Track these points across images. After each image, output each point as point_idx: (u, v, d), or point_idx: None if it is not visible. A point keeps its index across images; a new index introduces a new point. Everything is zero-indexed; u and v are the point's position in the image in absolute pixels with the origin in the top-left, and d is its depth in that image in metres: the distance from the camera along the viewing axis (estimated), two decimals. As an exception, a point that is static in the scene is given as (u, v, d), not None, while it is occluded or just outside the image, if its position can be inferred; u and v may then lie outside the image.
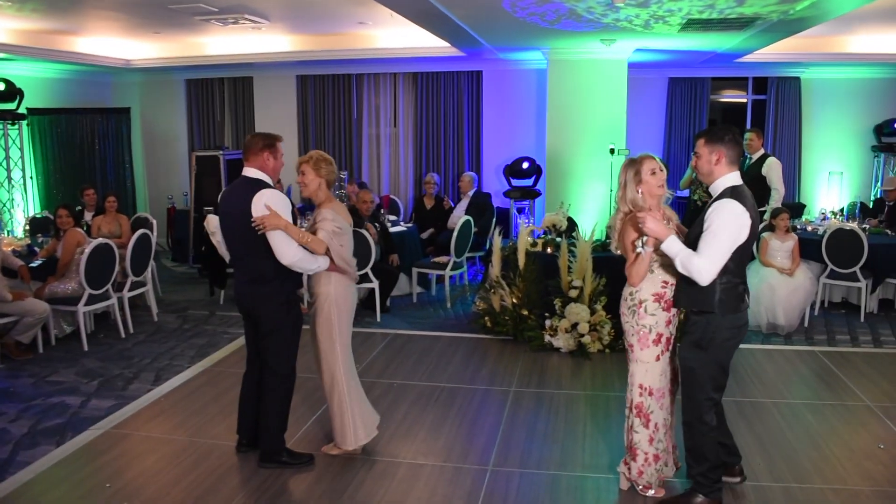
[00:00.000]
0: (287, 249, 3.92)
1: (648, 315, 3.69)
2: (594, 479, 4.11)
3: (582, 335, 6.34)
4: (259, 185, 4.01)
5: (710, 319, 3.45)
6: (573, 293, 6.48)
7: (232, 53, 10.15)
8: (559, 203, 7.50)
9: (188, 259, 10.49)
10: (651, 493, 3.85)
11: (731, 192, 3.41)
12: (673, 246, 3.42)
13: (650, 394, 3.76)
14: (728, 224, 3.33)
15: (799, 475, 4.10)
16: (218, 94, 11.79)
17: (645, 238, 3.51)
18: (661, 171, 3.69)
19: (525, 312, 6.66)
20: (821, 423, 4.85)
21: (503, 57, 10.06)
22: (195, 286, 9.28)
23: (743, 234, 3.35)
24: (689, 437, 3.64)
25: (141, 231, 7.28)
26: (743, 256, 3.45)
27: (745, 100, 11.28)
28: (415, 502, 3.88)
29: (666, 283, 3.69)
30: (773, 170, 7.56)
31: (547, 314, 6.56)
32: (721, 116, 11.69)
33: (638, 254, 3.57)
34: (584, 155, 9.10)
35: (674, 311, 3.74)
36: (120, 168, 11.38)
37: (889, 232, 8.09)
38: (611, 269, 6.59)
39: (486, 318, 6.93)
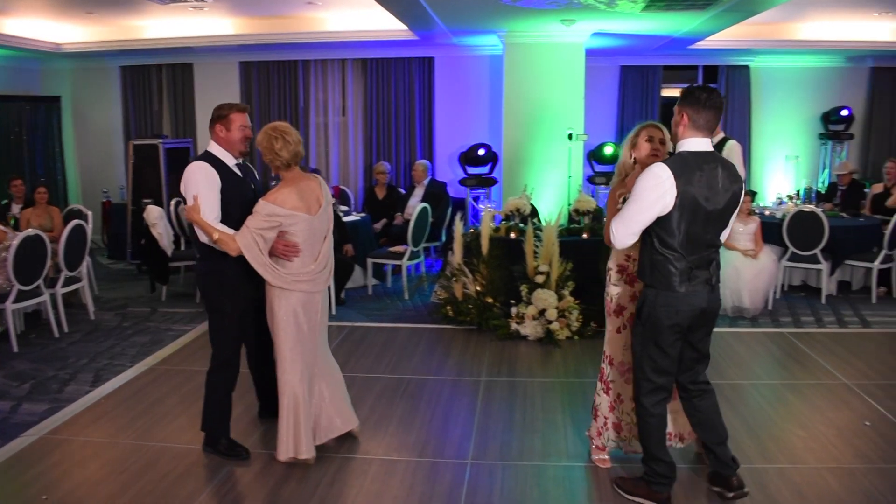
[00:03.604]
0: (201, 234, 3.79)
1: (612, 284, 3.72)
2: (581, 469, 3.87)
3: (550, 322, 6.12)
4: (198, 157, 3.88)
5: (647, 293, 3.27)
6: (539, 279, 6.25)
7: (170, 37, 9.63)
8: (521, 188, 7.26)
9: (126, 255, 9.92)
10: (601, 455, 3.85)
11: (672, 157, 3.20)
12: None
13: (610, 363, 3.78)
14: (642, 188, 3.10)
15: (791, 456, 3.95)
16: (155, 82, 11.16)
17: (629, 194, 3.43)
18: (663, 143, 3.56)
19: (490, 300, 6.40)
20: (803, 402, 4.74)
21: (457, 42, 9.79)
22: (134, 283, 8.75)
23: (666, 201, 3.05)
24: (636, 415, 3.48)
25: (75, 222, 6.75)
26: (692, 231, 3.11)
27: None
28: (392, 501, 3.56)
29: (629, 256, 3.62)
30: (734, 153, 7.40)
31: (512, 301, 6.32)
32: (670, 107, 11.66)
33: (618, 210, 3.43)
34: (541, 141, 8.90)
35: (639, 286, 3.57)
36: (50, 160, 10.71)
37: (844, 215, 8.14)
38: (578, 253, 6.42)
39: (448, 308, 6.65)
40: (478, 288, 6.45)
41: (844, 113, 10.42)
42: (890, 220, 7.38)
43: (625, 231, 3.17)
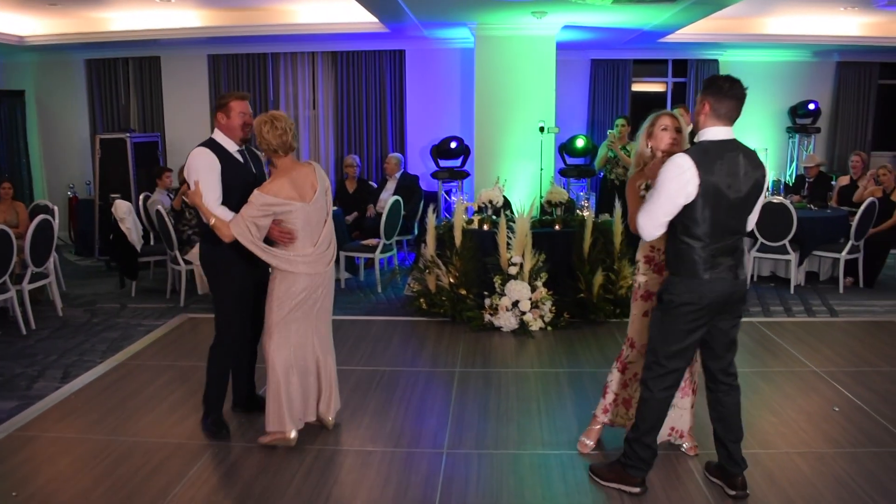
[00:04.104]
0: (204, 217, 3.91)
1: (640, 274, 3.75)
2: (557, 456, 3.89)
3: (523, 313, 6.14)
4: (201, 144, 3.99)
5: (671, 279, 3.28)
6: (513, 270, 6.27)
7: (137, 29, 9.47)
8: (493, 181, 7.26)
9: (94, 252, 9.77)
10: (586, 440, 3.94)
11: (693, 147, 3.21)
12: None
13: (631, 345, 3.80)
14: (665, 179, 3.12)
15: (763, 441, 4.02)
16: (122, 76, 10.95)
17: (650, 182, 3.47)
18: (679, 131, 3.56)
19: (463, 292, 6.40)
20: (774, 390, 4.81)
21: (428, 35, 9.77)
22: (103, 279, 8.62)
23: (688, 191, 3.07)
24: (640, 396, 3.48)
25: (41, 217, 6.62)
26: (716, 219, 3.13)
27: (663, 88, 11.41)
28: (368, 491, 3.56)
29: (653, 247, 3.65)
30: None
31: (486, 293, 6.33)
32: (642, 102, 11.73)
33: (642, 197, 3.52)
34: (513, 134, 8.91)
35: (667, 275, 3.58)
36: (14, 155, 10.49)
37: (812, 206, 8.28)
38: (551, 244, 6.45)
39: (422, 300, 6.64)
40: (451, 280, 6.45)
41: (811, 107, 10.60)
42: (856, 211, 7.52)
43: (652, 223, 3.19)
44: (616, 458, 3.56)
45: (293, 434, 3.96)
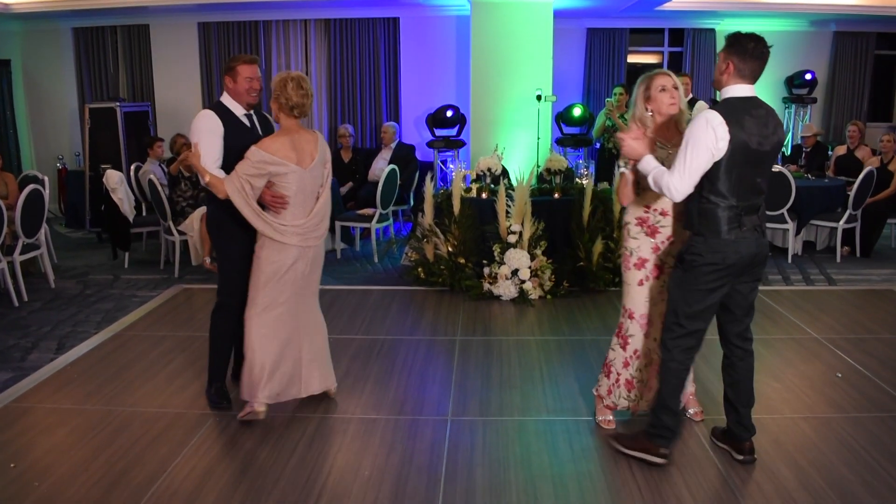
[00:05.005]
0: (200, 180, 3.89)
1: (631, 238, 3.59)
2: (563, 423, 3.87)
3: (523, 281, 6.10)
4: (208, 106, 4.00)
5: (694, 240, 3.20)
6: (512, 239, 6.22)
7: (125, -5, 9.29)
8: (490, 150, 7.17)
9: (84, 224, 9.63)
10: (608, 416, 3.82)
11: (719, 103, 3.14)
12: (647, 164, 3.22)
13: (630, 317, 3.65)
14: (698, 135, 3.02)
15: (767, 406, 4.00)
16: (110, 44, 10.75)
17: (627, 158, 3.37)
18: (676, 88, 3.43)
19: (462, 261, 6.35)
20: (775, 356, 4.80)
21: (422, 1, 9.62)
22: (95, 251, 8.51)
23: (719, 146, 3.01)
24: (661, 359, 3.41)
25: (31, 187, 6.50)
26: (742, 176, 3.08)
27: (659, 59, 11.31)
28: (374, 458, 3.52)
29: (649, 207, 3.52)
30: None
31: (485, 261, 6.28)
32: (638, 71, 11.65)
33: (622, 174, 3.43)
34: (510, 102, 8.80)
35: (661, 238, 3.52)
36: (1, 127, 10.30)
37: (809, 176, 8.24)
38: (550, 213, 6.39)
39: (420, 269, 6.58)
40: (449, 249, 6.39)
41: (808, 77, 10.54)
42: (854, 181, 7.49)
43: (687, 181, 3.07)
44: (642, 430, 3.49)
45: (262, 408, 3.85)
